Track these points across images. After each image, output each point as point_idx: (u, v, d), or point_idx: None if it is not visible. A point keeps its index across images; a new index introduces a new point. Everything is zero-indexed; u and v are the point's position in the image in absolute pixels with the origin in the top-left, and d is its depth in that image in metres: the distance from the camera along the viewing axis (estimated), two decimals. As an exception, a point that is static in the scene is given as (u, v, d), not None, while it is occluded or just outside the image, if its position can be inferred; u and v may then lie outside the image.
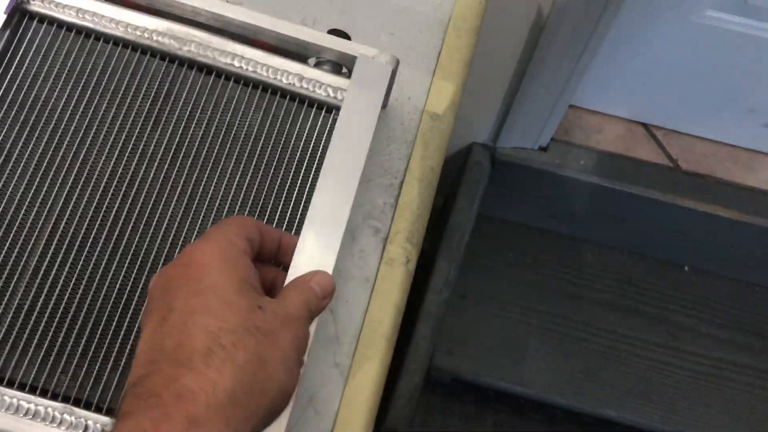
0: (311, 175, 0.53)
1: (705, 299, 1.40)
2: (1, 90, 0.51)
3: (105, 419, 0.45)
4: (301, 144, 0.53)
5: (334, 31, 0.60)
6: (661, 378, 1.35)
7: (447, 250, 1.18)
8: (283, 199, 0.52)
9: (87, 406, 0.46)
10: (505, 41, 0.94)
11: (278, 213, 0.51)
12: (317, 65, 0.56)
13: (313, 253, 0.49)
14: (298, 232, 0.49)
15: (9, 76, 0.52)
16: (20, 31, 0.53)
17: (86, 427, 0.45)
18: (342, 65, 0.57)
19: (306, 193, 0.52)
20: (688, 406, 1.34)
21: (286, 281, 0.45)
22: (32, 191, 0.49)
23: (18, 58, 0.52)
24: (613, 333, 1.36)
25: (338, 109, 0.54)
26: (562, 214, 1.31)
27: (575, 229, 1.35)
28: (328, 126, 0.54)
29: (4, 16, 0.52)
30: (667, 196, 1.15)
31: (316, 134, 0.54)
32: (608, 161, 1.16)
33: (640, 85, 1.12)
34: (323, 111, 0.55)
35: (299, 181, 0.52)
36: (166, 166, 0.51)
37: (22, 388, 0.46)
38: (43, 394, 0.46)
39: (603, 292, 1.38)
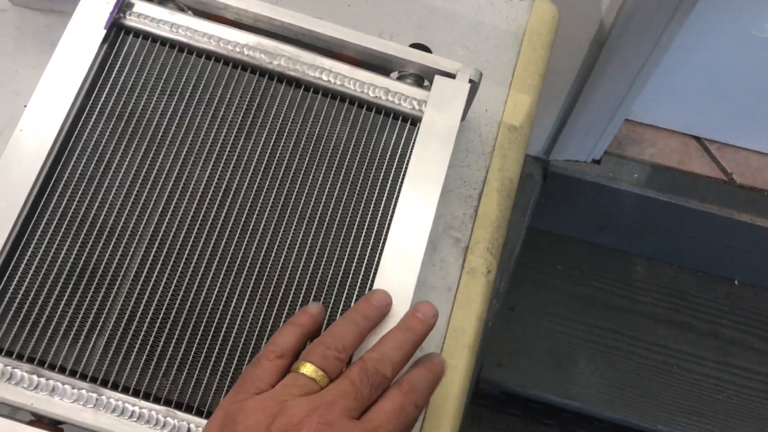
0: (396, 186, 0.54)
1: (756, 314, 1.38)
2: (101, 101, 0.53)
3: (205, 422, 0.46)
4: (387, 155, 0.55)
5: (415, 45, 0.61)
6: (713, 393, 1.33)
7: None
8: (370, 209, 0.53)
9: (188, 409, 0.47)
10: (566, 55, 0.95)
11: (366, 222, 0.52)
12: (400, 78, 0.58)
13: (397, 263, 0.50)
14: (380, 242, 0.51)
15: (108, 88, 0.54)
16: (117, 45, 0.55)
17: (188, 430, 0.46)
18: (423, 78, 0.58)
19: (391, 203, 0.53)
20: (739, 422, 1.32)
21: (376, 284, 0.48)
22: (132, 199, 0.51)
23: (116, 71, 0.54)
24: (664, 347, 1.35)
25: (421, 120, 0.55)
26: (612, 227, 1.30)
27: (625, 243, 1.34)
28: (413, 138, 0.55)
29: (104, 32, 0.54)
30: (723, 210, 1.15)
31: (401, 146, 0.55)
32: (662, 175, 1.16)
33: (695, 98, 1.12)
34: (407, 123, 0.56)
35: (385, 192, 0.53)
36: (259, 176, 0.53)
37: (125, 391, 0.47)
38: (146, 397, 0.47)
39: (653, 305, 1.37)
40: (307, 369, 0.43)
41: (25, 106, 0.62)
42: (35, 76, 0.63)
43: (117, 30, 0.55)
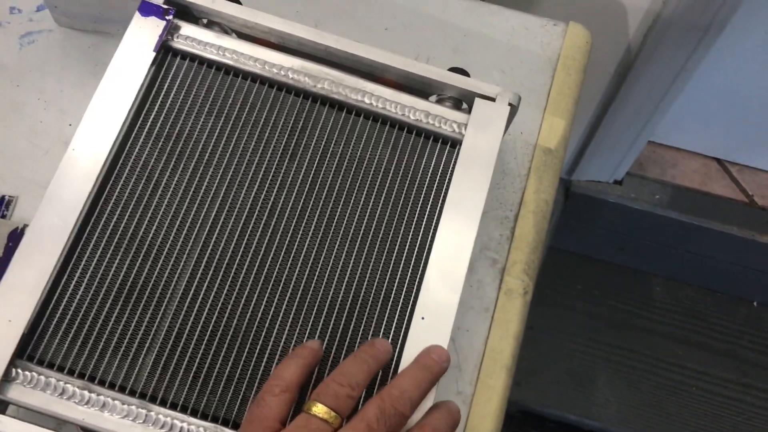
0: (437, 208, 0.55)
1: (775, 336, 1.38)
2: (149, 122, 0.54)
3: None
4: (427, 177, 0.56)
5: (454, 69, 0.62)
6: (732, 415, 1.33)
7: (519, 281, 1.19)
8: (411, 230, 0.54)
9: (234, 426, 0.48)
10: (591, 76, 0.96)
11: (407, 243, 0.53)
12: (439, 101, 0.59)
13: (439, 285, 0.51)
14: (421, 263, 0.52)
15: (156, 109, 0.55)
16: (165, 66, 0.56)
17: (236, 447, 0.47)
18: (462, 101, 0.59)
19: (432, 224, 0.54)
20: (759, 444, 1.32)
21: (419, 305, 0.48)
22: (179, 219, 0.52)
23: (164, 92, 0.55)
24: (683, 367, 1.35)
25: (460, 143, 0.56)
26: (632, 247, 1.31)
27: (645, 263, 1.35)
28: (453, 160, 0.56)
29: (153, 54, 0.55)
30: (743, 232, 1.15)
31: (441, 168, 0.56)
32: (683, 196, 1.16)
33: (716, 120, 1.13)
34: (447, 145, 0.57)
35: (426, 213, 0.54)
36: (303, 197, 0.54)
37: (174, 407, 0.48)
38: (194, 413, 0.48)
39: (672, 326, 1.37)
40: (319, 410, 0.42)
41: (70, 124, 0.63)
42: (81, 95, 0.65)
43: (165, 52, 0.56)
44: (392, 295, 0.52)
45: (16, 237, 0.59)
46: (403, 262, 0.53)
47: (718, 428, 1.33)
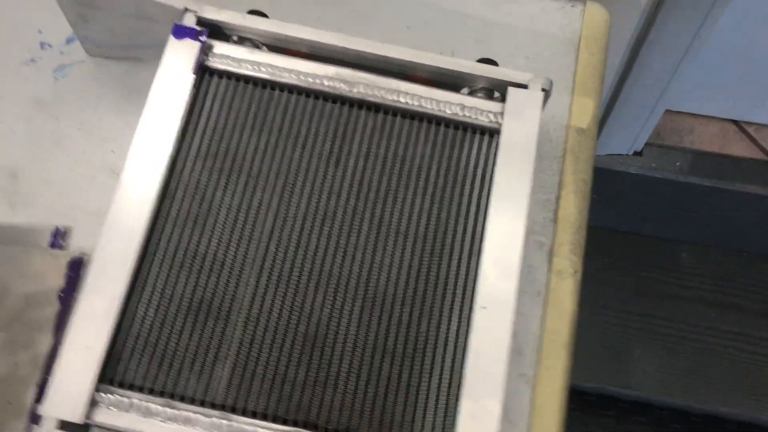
0: (484, 198, 0.56)
1: (806, 289, 1.39)
2: (196, 143, 0.56)
3: (332, 439, 0.49)
4: (470, 169, 0.57)
5: (482, 60, 0.63)
6: (770, 372, 1.34)
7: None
8: (461, 222, 0.55)
9: (315, 429, 0.49)
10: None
11: (459, 235, 0.55)
12: (470, 93, 0.60)
13: (495, 274, 0.52)
14: (475, 254, 0.53)
15: (200, 129, 0.56)
16: (204, 86, 0.57)
17: (318, 448, 0.49)
18: (493, 90, 0.60)
19: (480, 214, 0.55)
20: (801, 397, 1.33)
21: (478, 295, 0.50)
22: (237, 233, 0.53)
23: (206, 112, 0.57)
24: (717, 330, 1.36)
25: (498, 132, 0.57)
26: (655, 216, 1.32)
27: (669, 231, 1.36)
28: (493, 150, 0.57)
29: (194, 76, 0.56)
30: (766, 190, 1.16)
31: (483, 159, 0.57)
32: (703, 161, 1.17)
33: (730, 82, 1.14)
34: (486, 136, 0.58)
35: (474, 205, 0.56)
36: (353, 201, 0.55)
37: (254, 416, 0.49)
38: (275, 420, 0.49)
39: (702, 290, 1.38)
40: None
41: (113, 151, 0.65)
42: (119, 122, 0.66)
43: (202, 72, 0.58)
44: (451, 289, 0.53)
45: (76, 266, 0.60)
46: (457, 255, 0.54)
47: (756, 386, 1.34)
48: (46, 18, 0.70)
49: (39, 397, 0.56)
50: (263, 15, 0.62)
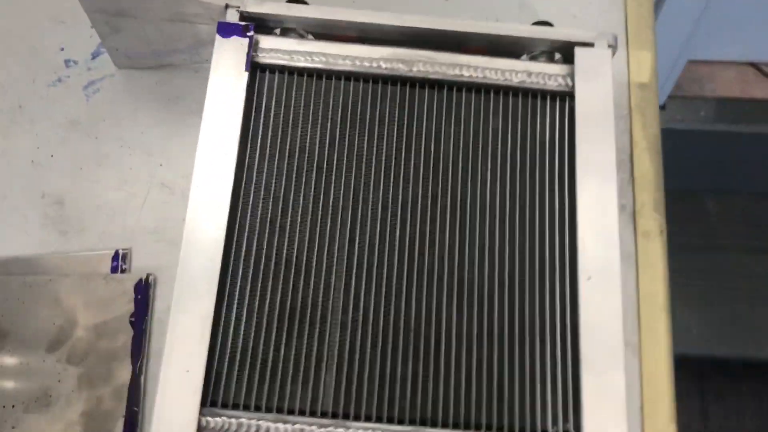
0: (566, 166, 0.53)
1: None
2: (259, 143, 0.53)
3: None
4: (547, 136, 0.54)
5: (538, 23, 0.61)
6: (813, 312, 1.33)
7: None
8: (550, 194, 0.53)
9: (433, 424, 0.47)
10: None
11: (548, 207, 0.52)
12: (532, 59, 0.57)
13: (595, 243, 0.50)
14: (570, 224, 0.51)
15: (261, 129, 0.53)
16: (258, 84, 0.54)
17: (442, 445, 0.46)
18: (554, 53, 0.57)
19: (570, 185, 0.53)
20: None
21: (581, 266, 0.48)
22: (317, 232, 0.51)
23: (264, 110, 0.54)
24: (753, 276, 1.35)
25: (570, 95, 0.55)
26: (678, 168, 1.30)
27: (692, 182, 1.34)
28: (567, 114, 0.55)
29: (246, 74, 0.53)
30: (793, 129, 1.15)
31: (559, 124, 0.55)
32: (727, 107, 1.16)
33: (745, 24, 1.12)
34: (557, 101, 0.55)
35: (559, 173, 0.53)
36: (429, 183, 0.52)
37: (368, 420, 0.47)
38: (390, 421, 0.47)
39: (733, 238, 1.37)
40: None
41: (161, 164, 0.62)
42: (162, 133, 0.63)
43: (254, 69, 0.55)
44: (550, 264, 0.51)
45: (143, 288, 0.57)
46: (550, 228, 0.52)
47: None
48: (66, 34, 0.67)
49: (127, 430, 0.53)
50: (303, 2, 0.59)
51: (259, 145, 0.53)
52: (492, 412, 0.47)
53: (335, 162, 0.53)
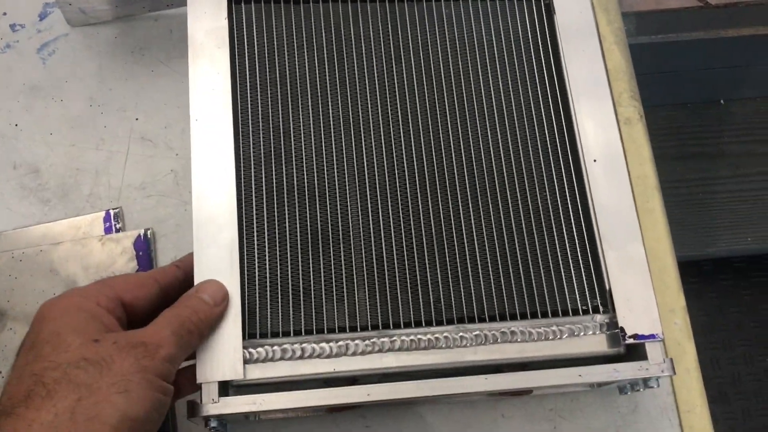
0: (551, 61, 0.54)
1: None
2: (247, 75, 0.52)
3: (491, 324, 0.48)
4: (530, 44, 0.55)
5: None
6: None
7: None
8: (538, 89, 0.54)
9: (472, 320, 0.48)
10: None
11: (541, 103, 0.53)
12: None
13: (597, 133, 0.52)
14: (564, 116, 0.52)
15: (247, 61, 0.52)
16: (237, 17, 0.53)
17: (485, 336, 0.47)
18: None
19: (559, 77, 0.54)
20: None
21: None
22: (326, 156, 0.50)
23: (247, 42, 0.52)
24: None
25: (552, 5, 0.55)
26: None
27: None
28: (544, 19, 0.55)
29: (225, 10, 0.52)
30: (709, 33, 1.20)
31: (538, 30, 0.55)
32: (645, 20, 1.20)
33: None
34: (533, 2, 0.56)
35: (546, 69, 0.54)
36: (425, 94, 0.53)
37: (408, 326, 0.47)
38: (428, 324, 0.48)
39: (659, 149, 1.43)
40: None
41: (137, 118, 0.60)
42: (132, 87, 0.61)
43: (230, 3, 0.53)
44: (554, 149, 0.52)
45: (141, 244, 0.56)
46: (548, 118, 0.53)
47: None
48: (6, -1, 0.63)
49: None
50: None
51: (248, 76, 0.52)
52: (523, 300, 0.49)
53: (327, 84, 0.52)
